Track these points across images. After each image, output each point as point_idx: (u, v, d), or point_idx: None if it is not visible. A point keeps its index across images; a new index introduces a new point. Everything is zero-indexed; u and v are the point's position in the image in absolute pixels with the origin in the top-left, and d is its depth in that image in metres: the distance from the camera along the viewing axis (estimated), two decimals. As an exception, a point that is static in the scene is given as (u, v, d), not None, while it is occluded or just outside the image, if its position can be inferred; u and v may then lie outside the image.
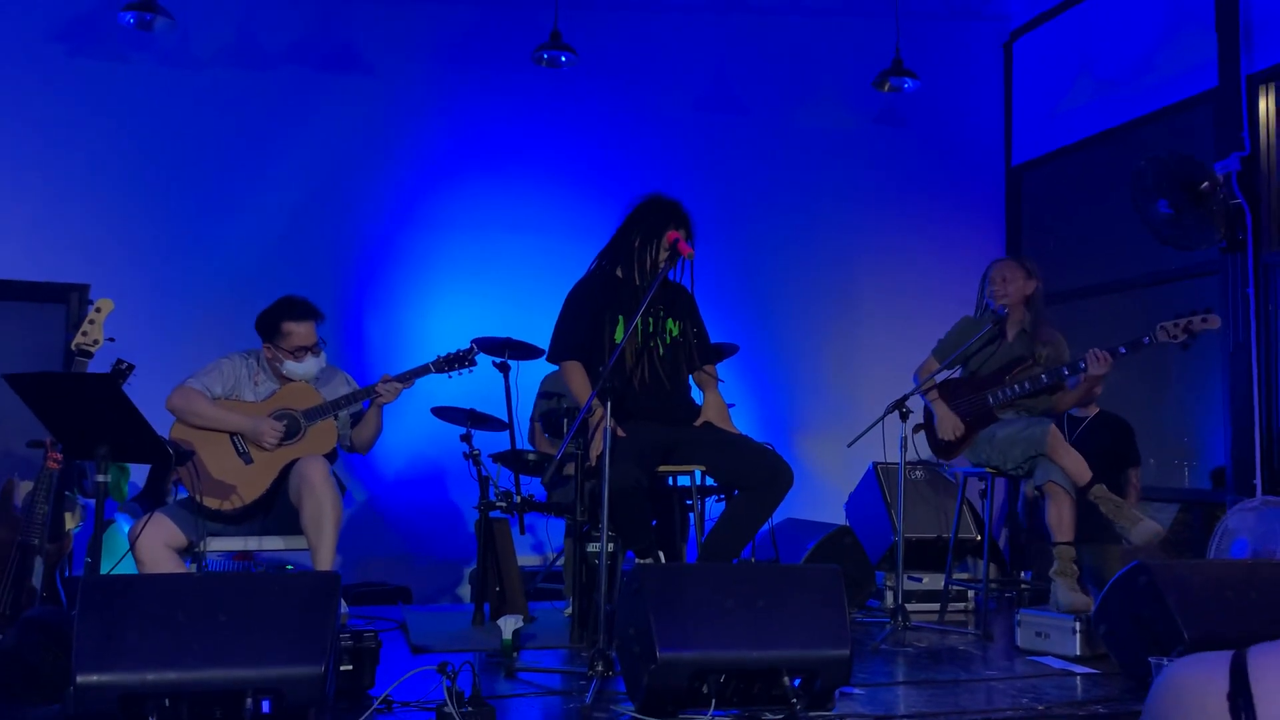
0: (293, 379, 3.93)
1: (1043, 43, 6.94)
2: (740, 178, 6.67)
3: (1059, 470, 4.14)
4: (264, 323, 3.95)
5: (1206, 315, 4.15)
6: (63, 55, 5.76)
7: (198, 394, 3.78)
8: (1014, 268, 4.57)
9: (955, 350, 4.52)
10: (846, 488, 5.43)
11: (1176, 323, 4.15)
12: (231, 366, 3.92)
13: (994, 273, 4.59)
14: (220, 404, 3.81)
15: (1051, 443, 4.15)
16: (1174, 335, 4.15)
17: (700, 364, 4.01)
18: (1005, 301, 4.50)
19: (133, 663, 2.40)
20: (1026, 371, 4.42)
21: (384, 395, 3.94)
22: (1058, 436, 4.17)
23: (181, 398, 3.78)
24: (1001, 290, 4.51)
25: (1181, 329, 4.14)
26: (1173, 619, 3.06)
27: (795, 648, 2.78)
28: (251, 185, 5.95)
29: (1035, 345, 4.48)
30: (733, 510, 3.79)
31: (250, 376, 3.93)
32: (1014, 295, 4.50)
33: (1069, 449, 4.18)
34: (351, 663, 2.92)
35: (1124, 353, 4.24)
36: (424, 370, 4.05)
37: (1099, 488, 4.14)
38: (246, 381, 3.91)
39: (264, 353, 3.97)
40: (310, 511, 3.63)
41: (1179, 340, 4.16)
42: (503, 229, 6.22)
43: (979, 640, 4.16)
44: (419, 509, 6.01)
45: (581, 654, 3.63)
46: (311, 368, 3.95)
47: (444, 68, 6.29)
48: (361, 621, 4.31)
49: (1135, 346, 4.24)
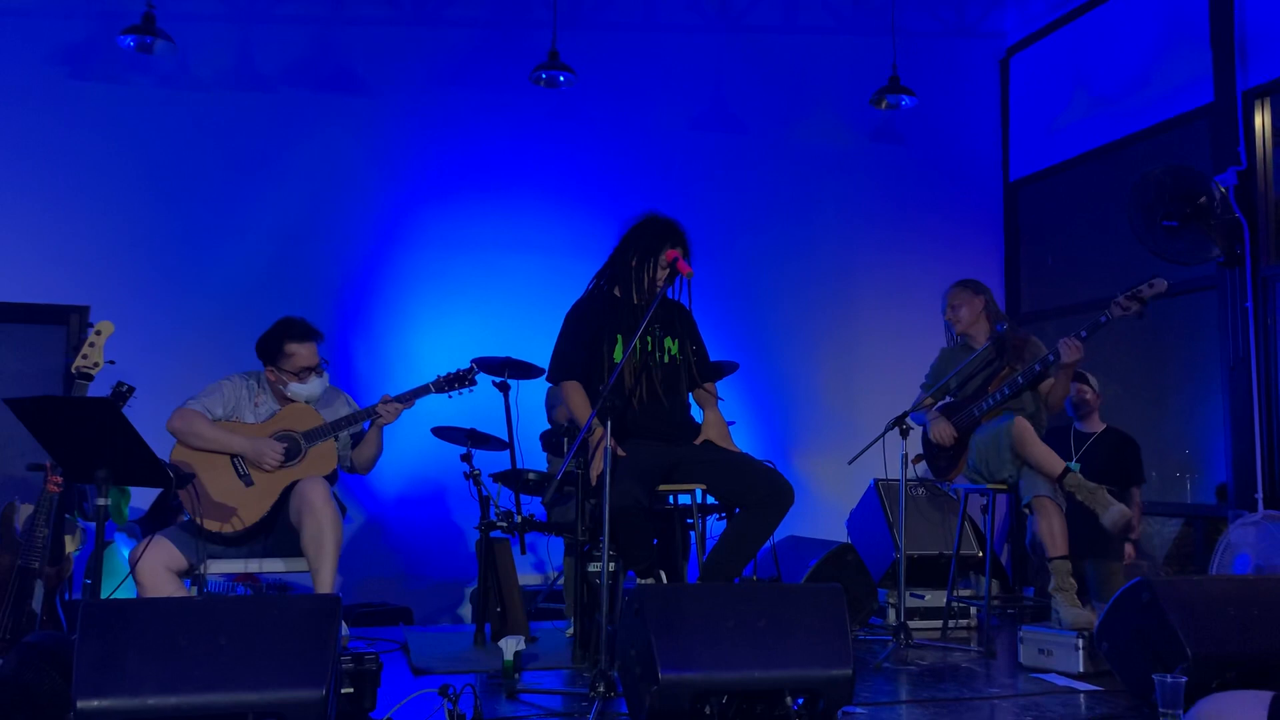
0: (296, 400, 3.93)
1: (1039, 59, 6.97)
2: (738, 196, 6.69)
3: (1044, 483, 4.16)
4: (265, 345, 3.95)
5: (1153, 281, 4.19)
6: (63, 78, 5.79)
7: (198, 415, 3.78)
8: (958, 292, 4.74)
9: (939, 381, 4.67)
10: (848, 505, 5.42)
11: (1126, 295, 4.20)
12: (232, 388, 3.92)
13: (946, 306, 4.78)
14: (221, 426, 3.80)
15: (1018, 434, 4.22)
16: (1127, 308, 4.21)
17: (700, 382, 4.01)
18: (963, 328, 4.69)
19: (133, 687, 2.39)
20: (1004, 378, 4.48)
21: (384, 416, 3.94)
22: (1024, 427, 4.24)
23: (182, 420, 3.77)
24: (954, 317, 4.72)
25: (1132, 298, 4.19)
26: (1175, 635, 3.05)
27: (798, 667, 2.77)
28: (251, 206, 5.97)
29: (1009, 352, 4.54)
30: (734, 529, 3.78)
31: (251, 398, 3.93)
32: (967, 317, 4.68)
33: (1036, 440, 4.23)
34: (353, 685, 2.91)
35: (1085, 336, 4.29)
36: (424, 390, 4.05)
37: (1072, 475, 4.19)
38: (247, 403, 3.91)
39: (266, 375, 3.96)
40: (310, 533, 3.62)
41: (1132, 310, 4.21)
42: (502, 249, 6.24)
43: (982, 657, 4.15)
44: (420, 529, 6.00)
45: (583, 675, 3.62)
46: (316, 388, 3.95)
47: (442, 88, 6.31)
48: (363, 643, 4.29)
49: (1094, 328, 4.30)
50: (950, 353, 4.80)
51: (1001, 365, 4.55)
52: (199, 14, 5.93)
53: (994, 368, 4.57)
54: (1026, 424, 4.26)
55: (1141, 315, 4.24)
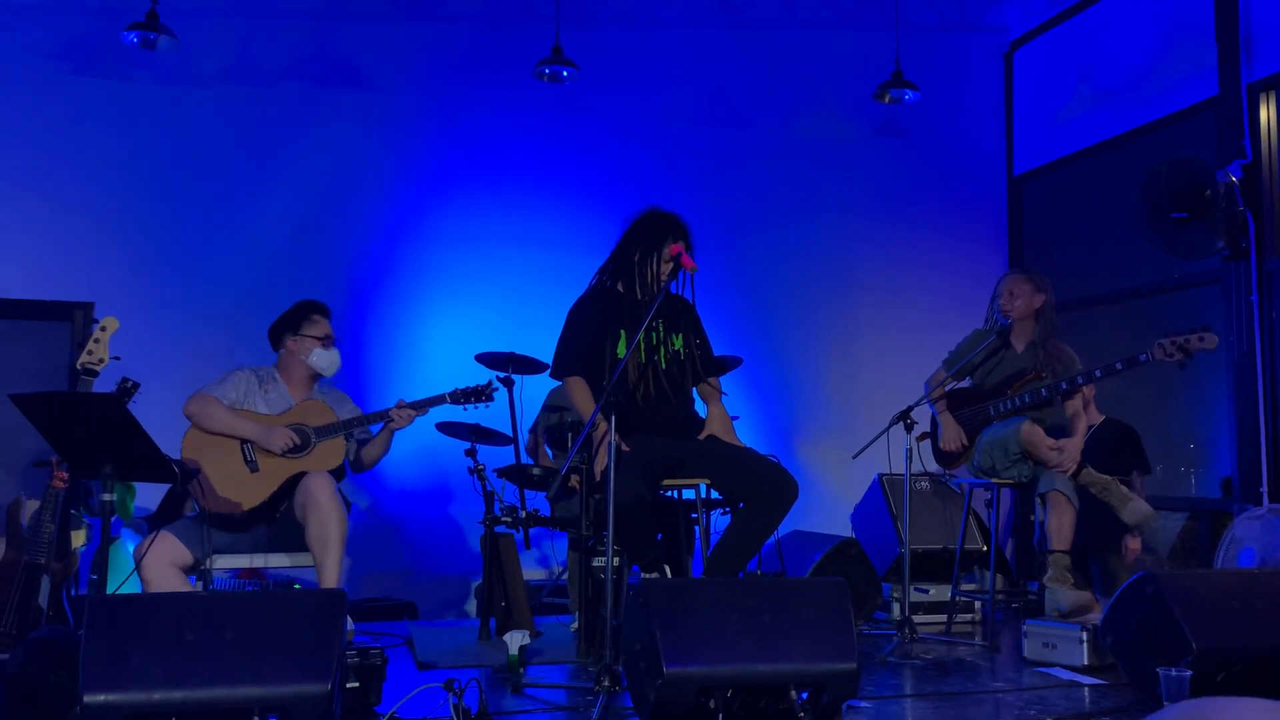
0: (319, 369, 3.99)
1: (1043, 53, 6.96)
2: (742, 190, 6.68)
3: (1063, 479, 4.16)
4: (285, 320, 4.03)
5: (1204, 334, 4.11)
6: (66, 74, 5.79)
7: (214, 400, 3.83)
8: (1021, 281, 4.60)
9: (962, 360, 4.56)
10: (852, 499, 5.42)
11: (1174, 341, 4.12)
12: (243, 377, 3.97)
13: (1002, 287, 4.63)
14: (236, 411, 3.83)
15: (1027, 437, 4.18)
16: (1170, 354, 4.12)
17: (704, 376, 4.01)
18: (1012, 315, 4.53)
19: (140, 682, 2.40)
20: (1029, 384, 4.44)
21: (397, 421, 3.96)
22: (1034, 430, 4.20)
23: (199, 403, 3.82)
24: (1008, 304, 4.55)
25: (1178, 348, 4.11)
26: (1180, 629, 3.05)
27: (802, 661, 2.77)
28: (253, 202, 5.97)
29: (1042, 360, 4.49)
30: (738, 523, 3.78)
31: (261, 387, 3.96)
32: (1021, 309, 4.53)
33: (1045, 441, 4.20)
34: (358, 680, 2.92)
35: (1121, 369, 4.24)
36: (439, 400, 4.07)
37: (1087, 470, 4.19)
38: (258, 392, 3.95)
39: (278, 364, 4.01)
40: (315, 528, 3.64)
41: (1175, 359, 4.12)
42: (505, 243, 6.23)
43: (986, 651, 4.15)
44: (424, 524, 6.01)
45: (588, 669, 3.62)
46: (335, 359, 4.02)
47: (445, 83, 6.31)
48: (368, 638, 4.31)
49: (1131, 364, 4.24)
50: (983, 335, 4.63)
51: (1030, 369, 4.50)
52: (201, 9, 5.92)
53: (1022, 368, 4.52)
54: (1037, 429, 4.23)
55: (1183, 366, 4.16)
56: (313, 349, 3.96)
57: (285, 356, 4.02)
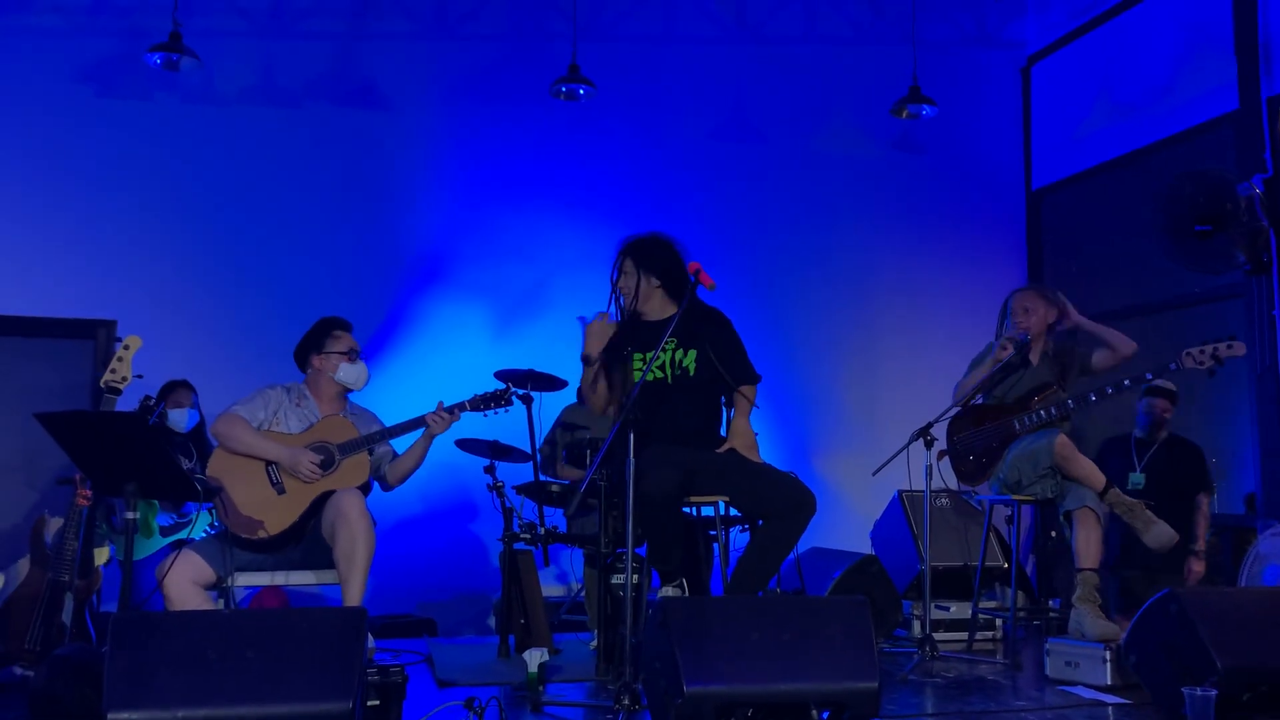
0: (347, 384, 4.00)
1: (1061, 67, 6.95)
2: (759, 206, 6.69)
3: (1090, 494, 4.13)
4: (309, 340, 4.04)
5: (1231, 342, 4.14)
6: (90, 96, 5.86)
7: (242, 421, 3.83)
8: (1034, 297, 4.60)
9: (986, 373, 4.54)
10: (871, 516, 5.39)
11: (1202, 349, 4.14)
12: (275, 395, 3.98)
13: (1015, 303, 4.60)
14: (261, 433, 3.85)
15: (1060, 451, 4.15)
16: (1200, 362, 4.15)
17: (734, 385, 3.94)
18: (1030, 331, 4.50)
19: (163, 700, 2.41)
20: (1051, 397, 4.41)
21: (434, 425, 3.97)
22: (1066, 444, 4.18)
23: (226, 424, 3.82)
24: (1024, 320, 4.52)
25: (1208, 355, 4.13)
26: (1204, 648, 3.02)
27: (823, 680, 2.76)
28: (274, 221, 6.02)
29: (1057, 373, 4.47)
30: (758, 540, 3.77)
31: (292, 402, 3.97)
32: (1037, 324, 4.51)
33: (1079, 456, 4.18)
34: (378, 698, 2.92)
35: (1151, 377, 4.23)
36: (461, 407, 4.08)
37: (1113, 491, 4.16)
38: (290, 406, 3.95)
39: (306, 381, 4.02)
40: (344, 546, 3.64)
41: (1205, 366, 4.15)
42: (524, 261, 6.26)
43: (1008, 670, 4.12)
44: (444, 541, 6.02)
45: (608, 687, 3.61)
46: (362, 371, 4.03)
47: (464, 102, 6.35)
48: (388, 655, 4.31)
49: (1160, 373, 4.24)
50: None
51: (1051, 382, 4.47)
52: (224, 31, 6.00)
53: (1043, 381, 4.49)
54: (1069, 442, 4.20)
55: (1212, 374, 4.18)
56: (339, 364, 3.98)
57: (313, 375, 4.02)
